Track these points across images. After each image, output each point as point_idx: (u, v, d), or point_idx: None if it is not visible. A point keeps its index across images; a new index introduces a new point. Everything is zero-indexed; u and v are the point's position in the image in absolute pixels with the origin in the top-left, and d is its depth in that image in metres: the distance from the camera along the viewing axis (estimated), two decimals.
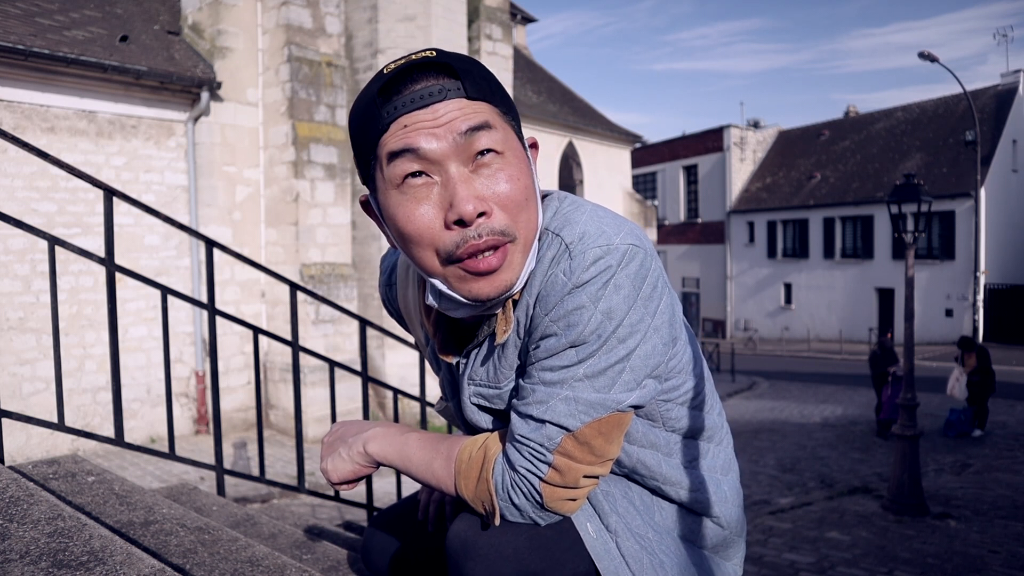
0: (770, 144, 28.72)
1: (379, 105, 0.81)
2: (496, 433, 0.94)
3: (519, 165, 0.83)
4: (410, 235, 0.83)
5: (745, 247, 27.06)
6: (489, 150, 0.80)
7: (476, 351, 0.97)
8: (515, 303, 0.90)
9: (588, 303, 0.81)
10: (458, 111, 0.79)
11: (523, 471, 0.87)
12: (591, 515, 0.96)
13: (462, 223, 0.80)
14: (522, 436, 0.87)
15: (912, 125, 24.14)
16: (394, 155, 0.80)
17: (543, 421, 0.85)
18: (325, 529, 2.39)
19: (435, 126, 0.79)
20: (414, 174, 0.80)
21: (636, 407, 0.88)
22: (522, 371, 0.92)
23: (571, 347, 0.83)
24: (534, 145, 0.93)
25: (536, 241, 0.87)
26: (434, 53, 0.82)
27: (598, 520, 0.96)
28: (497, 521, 0.90)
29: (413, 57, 0.81)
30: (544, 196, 0.96)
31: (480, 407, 0.99)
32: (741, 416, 11.42)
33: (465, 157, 0.80)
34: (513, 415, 0.89)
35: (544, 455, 0.86)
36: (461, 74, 0.80)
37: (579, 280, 0.81)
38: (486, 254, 0.81)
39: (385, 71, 0.82)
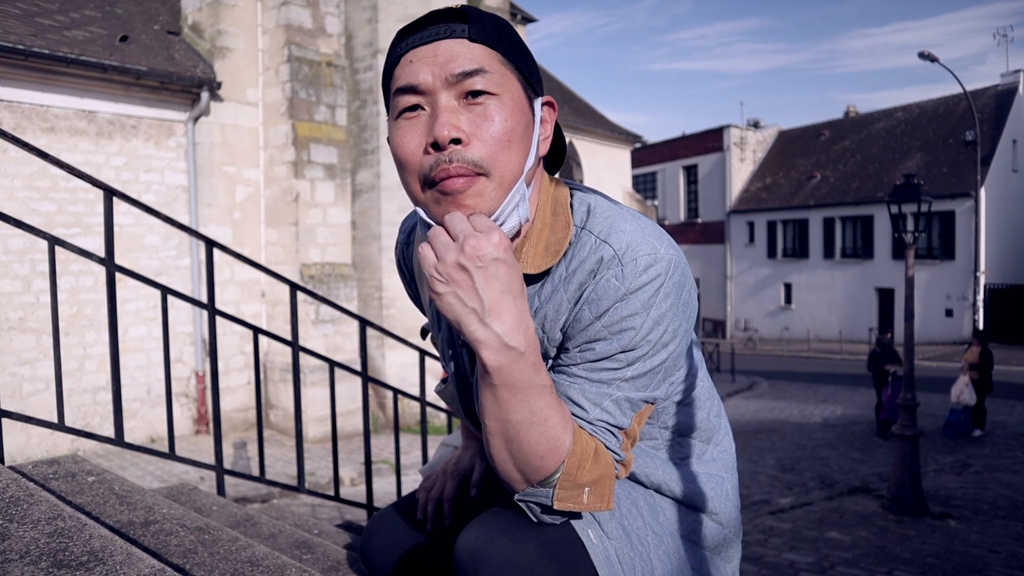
0: (770, 144, 28.72)
1: (397, 42, 0.88)
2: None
3: (511, 108, 0.85)
4: (399, 160, 0.88)
5: (745, 247, 27.06)
6: (482, 91, 0.84)
7: None
8: (533, 282, 0.92)
9: (641, 310, 0.85)
10: (457, 51, 0.84)
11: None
12: (591, 522, 0.96)
13: (437, 147, 0.83)
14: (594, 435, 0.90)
15: (912, 125, 24.14)
16: (398, 91, 0.86)
17: (601, 423, 0.89)
18: (325, 529, 2.39)
19: (433, 63, 0.84)
20: (411, 107, 0.86)
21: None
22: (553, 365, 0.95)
23: (622, 352, 0.87)
24: (550, 104, 0.95)
25: (523, 185, 0.88)
26: (459, 5, 0.88)
27: (598, 527, 0.96)
28: (612, 506, 0.90)
29: (441, 8, 0.87)
30: (571, 188, 0.99)
31: None
32: (741, 416, 11.42)
33: (456, 93, 0.84)
34: None
35: (618, 454, 0.90)
36: (471, 19, 0.85)
37: (632, 286, 0.85)
38: (455, 177, 0.83)
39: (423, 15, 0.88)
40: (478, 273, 0.78)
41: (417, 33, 0.86)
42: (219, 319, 2.48)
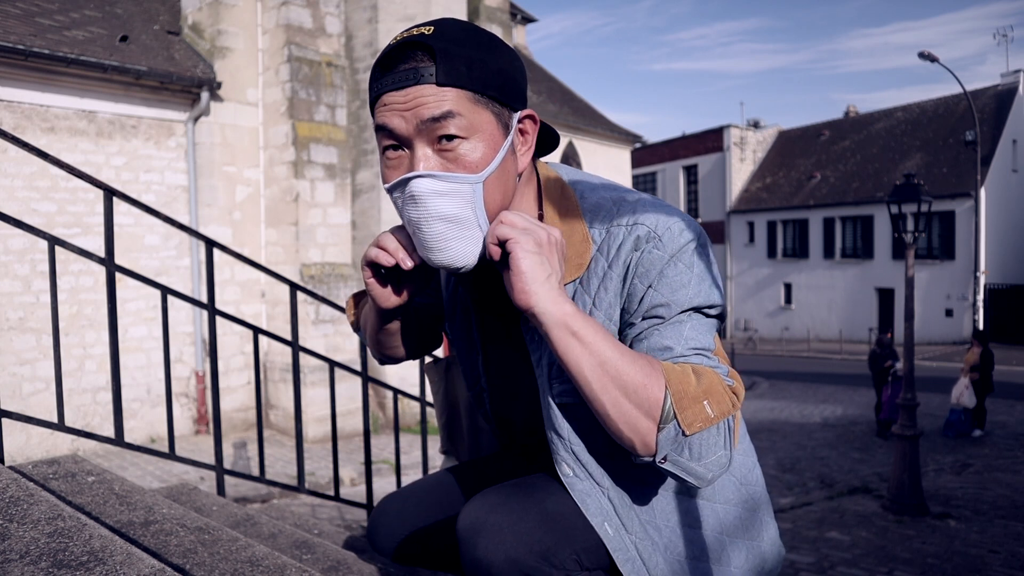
0: (770, 144, 28.71)
1: (375, 77, 0.92)
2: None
3: (483, 150, 0.90)
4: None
5: (745, 247, 27.05)
6: (452, 136, 0.88)
7: (539, 344, 1.01)
8: (583, 279, 0.99)
9: (686, 269, 0.94)
10: (426, 97, 0.87)
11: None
12: (609, 515, 0.98)
13: None
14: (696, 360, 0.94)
15: (912, 125, 24.13)
16: (378, 128, 0.92)
17: (690, 350, 0.93)
18: (325, 529, 2.39)
19: (404, 109, 0.88)
20: (392, 147, 0.92)
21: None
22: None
23: (681, 312, 0.94)
24: (530, 117, 0.98)
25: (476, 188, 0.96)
26: (431, 30, 0.89)
27: (617, 520, 0.99)
28: (737, 407, 0.93)
29: (414, 32, 0.90)
30: (576, 187, 1.04)
31: (566, 405, 1.00)
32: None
33: (430, 139, 0.89)
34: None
35: (718, 367, 0.94)
36: (439, 58, 0.86)
37: (673, 250, 0.94)
38: None
39: (394, 41, 0.91)
40: (558, 253, 0.91)
41: (389, 75, 0.89)
42: (219, 319, 2.48)
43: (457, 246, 0.92)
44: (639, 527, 1.00)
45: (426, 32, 0.88)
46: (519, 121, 0.95)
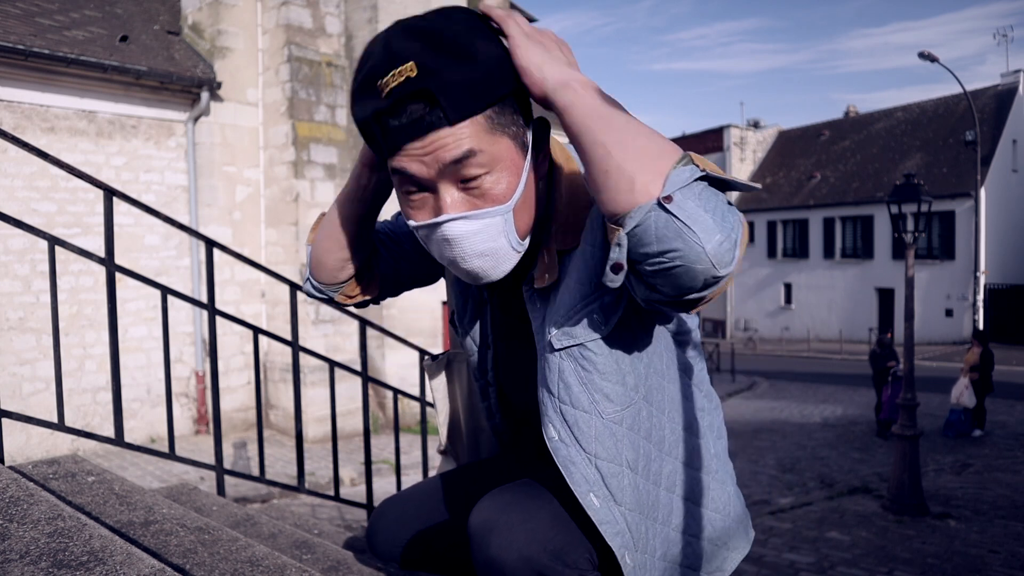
0: (770, 144, 28.72)
1: (379, 133, 0.88)
2: None
3: (508, 179, 0.90)
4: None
5: (745, 247, 27.08)
6: (475, 176, 0.87)
7: (541, 306, 0.99)
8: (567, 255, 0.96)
9: None
10: (444, 139, 0.85)
11: None
12: (599, 486, 0.95)
13: None
14: None
15: (912, 125, 24.14)
16: (395, 171, 0.90)
17: None
18: (325, 529, 2.39)
19: (424, 154, 0.86)
20: (412, 190, 0.91)
21: None
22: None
23: None
24: (543, 124, 0.97)
25: (508, 217, 0.95)
26: (414, 72, 0.82)
27: (606, 491, 0.95)
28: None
29: (396, 75, 0.83)
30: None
31: (562, 350, 0.95)
32: (741, 416, 11.42)
33: (454, 179, 0.88)
34: None
35: None
36: (440, 96, 0.82)
37: None
38: None
39: (382, 89, 0.84)
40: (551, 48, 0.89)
41: (395, 126, 0.84)
42: (219, 319, 2.48)
43: (494, 274, 0.94)
44: (631, 499, 0.96)
45: (411, 76, 0.82)
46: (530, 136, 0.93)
